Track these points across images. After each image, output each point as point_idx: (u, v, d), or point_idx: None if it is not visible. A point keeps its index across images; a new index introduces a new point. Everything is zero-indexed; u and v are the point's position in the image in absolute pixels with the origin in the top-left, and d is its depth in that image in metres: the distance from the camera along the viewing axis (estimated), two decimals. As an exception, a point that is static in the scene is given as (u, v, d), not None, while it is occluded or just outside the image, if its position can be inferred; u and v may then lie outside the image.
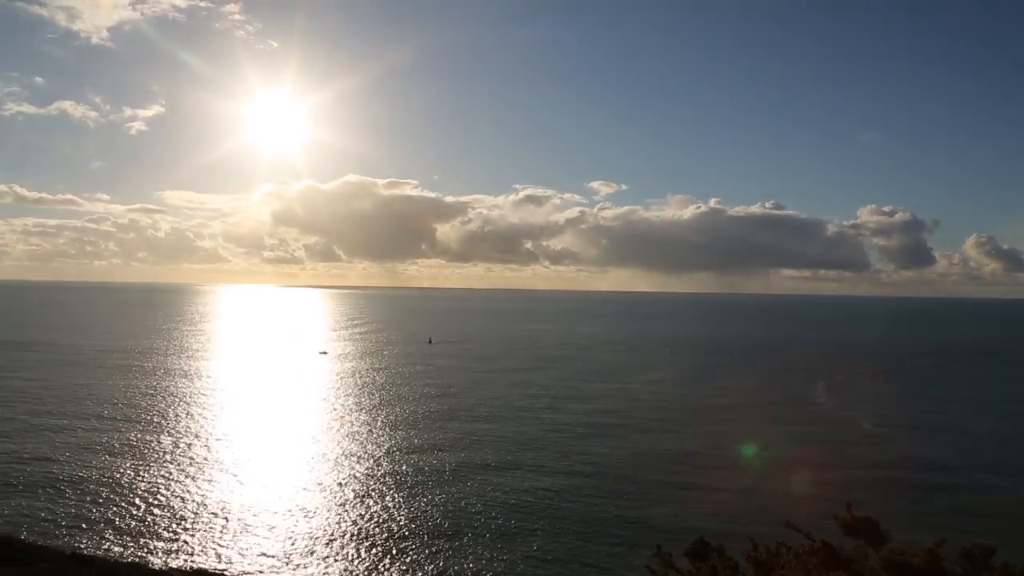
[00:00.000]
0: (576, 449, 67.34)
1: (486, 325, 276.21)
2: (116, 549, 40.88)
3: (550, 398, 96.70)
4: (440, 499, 51.53)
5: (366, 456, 63.60)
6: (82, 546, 39.86)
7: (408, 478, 56.76)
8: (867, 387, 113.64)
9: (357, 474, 57.84)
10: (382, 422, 78.52)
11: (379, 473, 58.13)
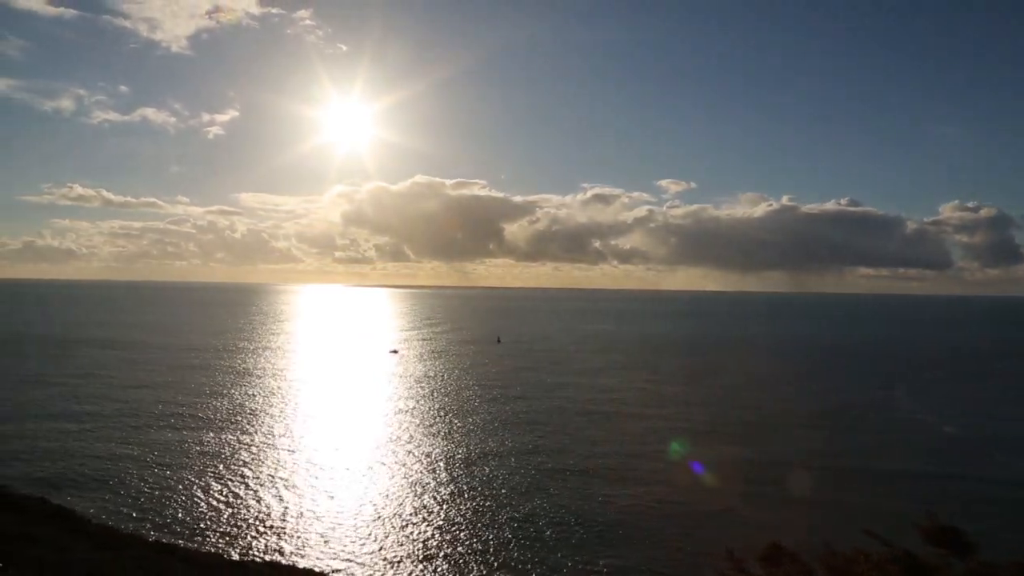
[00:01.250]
0: (646, 453, 66.52)
1: (554, 324, 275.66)
2: (195, 539, 42.30)
3: (619, 401, 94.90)
4: (508, 500, 51.70)
5: (434, 455, 64.23)
6: (164, 536, 41.28)
7: (476, 479, 57.09)
8: (950, 391, 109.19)
9: (424, 472, 58.47)
10: (451, 421, 79.21)
11: (447, 473, 58.63)
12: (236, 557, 38.55)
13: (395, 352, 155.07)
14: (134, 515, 46.44)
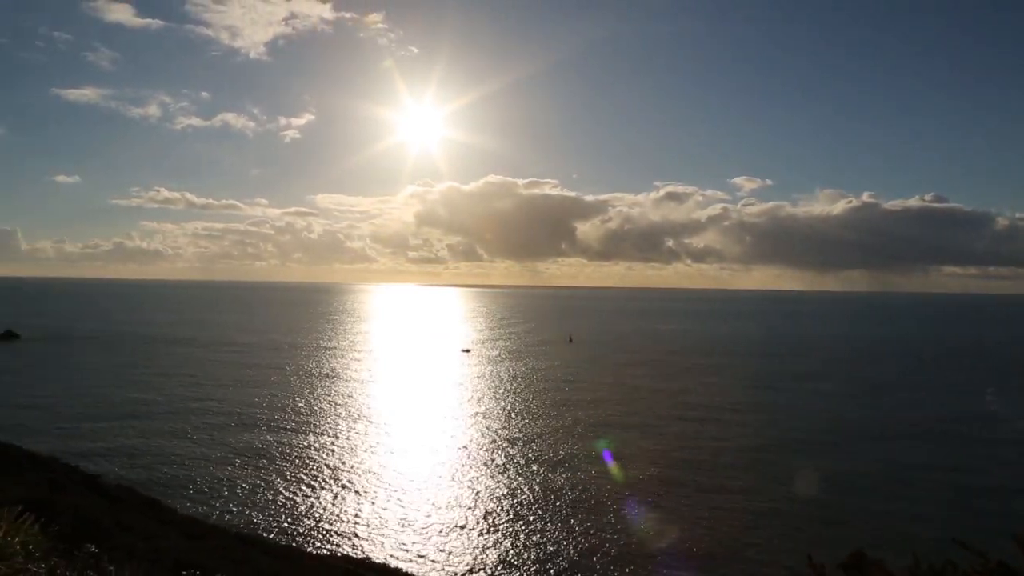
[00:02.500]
0: (730, 463, 65.13)
1: (627, 324, 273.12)
2: (273, 532, 43.49)
3: (699, 405, 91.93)
4: (580, 508, 51.54)
5: (506, 457, 64.48)
6: (244, 528, 42.58)
7: (548, 483, 57.04)
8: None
9: (494, 474, 58.75)
10: (523, 422, 79.39)
11: (517, 475, 58.78)
12: (312, 551, 39.47)
13: (467, 351, 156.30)
14: (216, 507, 48.04)
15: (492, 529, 45.15)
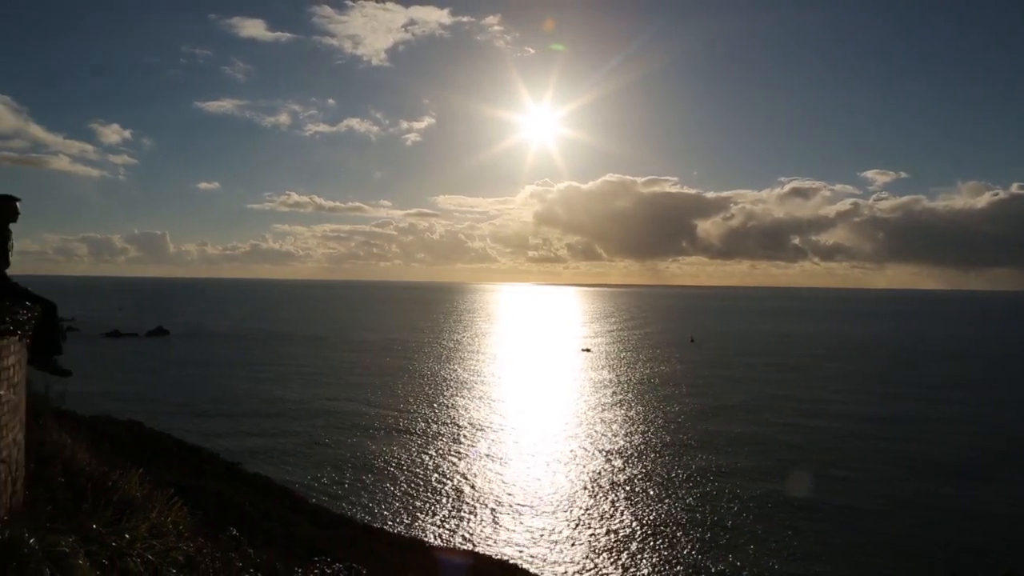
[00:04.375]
0: (868, 479, 62.07)
1: (751, 324, 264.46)
2: (397, 524, 44.81)
3: (832, 415, 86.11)
4: (704, 506, 50.46)
5: (626, 455, 63.96)
6: (370, 519, 44.08)
7: (669, 482, 56.19)
8: None
9: (615, 478, 58.31)
10: (645, 425, 78.47)
11: (638, 473, 58.18)
12: (437, 543, 40.39)
13: (587, 351, 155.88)
14: (342, 498, 49.93)
15: (614, 539, 44.85)
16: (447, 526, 45.25)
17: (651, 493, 52.33)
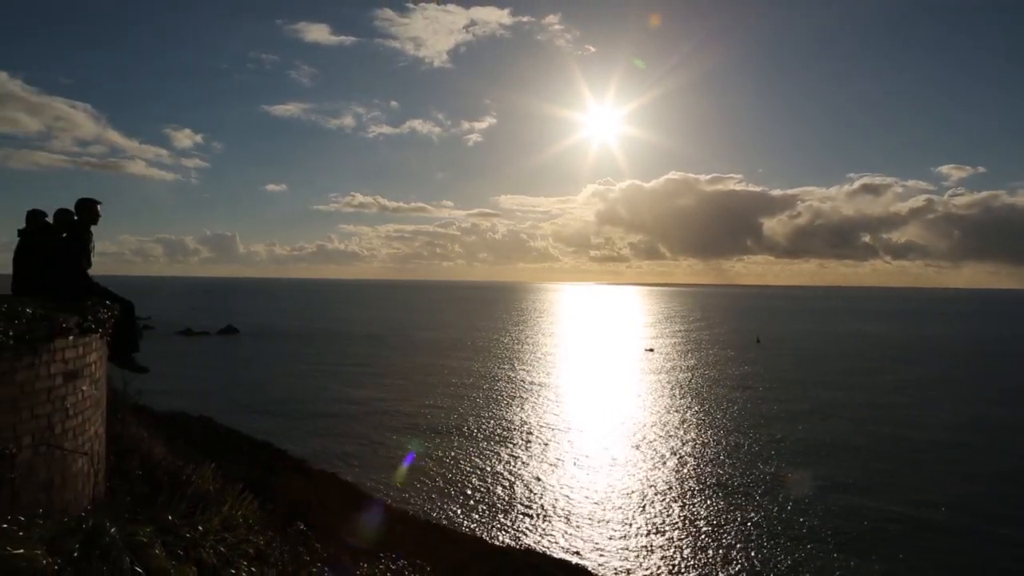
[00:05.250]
0: (943, 480, 59.94)
1: (820, 325, 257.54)
2: (460, 522, 45.13)
3: (910, 423, 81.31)
4: (771, 512, 49.51)
5: (691, 461, 63.15)
6: (433, 516, 44.52)
7: (736, 491, 55.26)
8: None
9: (680, 479, 57.66)
10: (710, 425, 77.37)
11: (704, 481, 57.37)
12: (498, 543, 40.55)
13: (651, 350, 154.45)
14: (405, 496, 50.50)
15: (678, 548, 44.35)
16: (507, 527, 45.38)
17: (720, 504, 51.44)
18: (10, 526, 5.14)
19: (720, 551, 41.30)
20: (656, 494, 51.98)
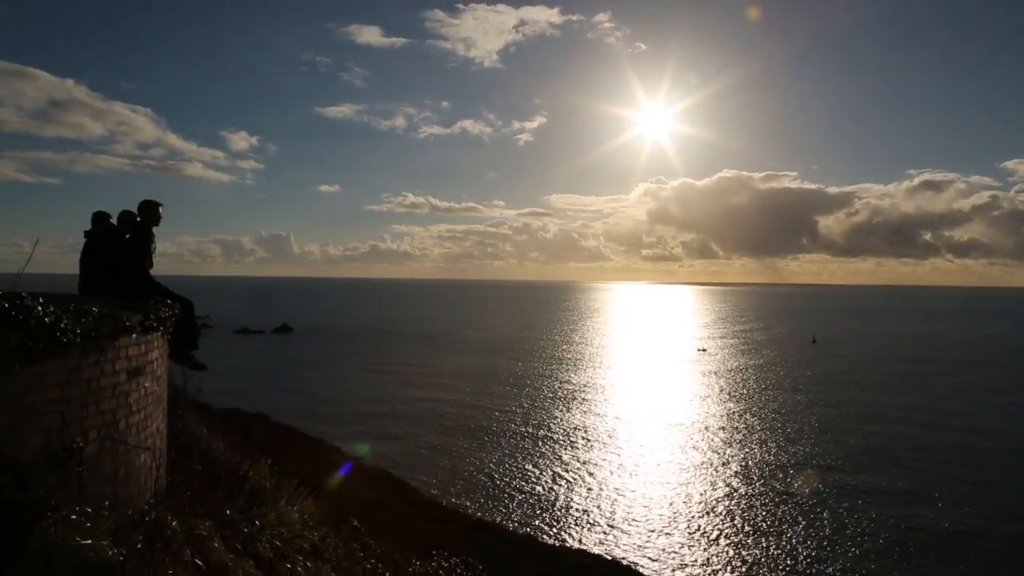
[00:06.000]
0: (996, 481, 58.18)
1: (879, 325, 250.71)
2: (509, 522, 45.22)
3: (979, 430, 79.52)
4: (824, 520, 48.58)
5: (745, 466, 62.28)
6: (482, 515, 44.69)
7: (791, 499, 54.34)
8: None
9: (733, 484, 56.91)
10: (764, 428, 76.20)
11: (757, 487, 56.53)
12: (548, 542, 40.53)
13: (703, 350, 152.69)
14: (453, 493, 50.78)
15: (731, 556, 43.83)
16: (557, 526, 45.33)
17: (772, 512, 50.64)
18: (78, 517, 5.34)
19: (770, 559, 40.63)
20: (708, 500, 51.35)
